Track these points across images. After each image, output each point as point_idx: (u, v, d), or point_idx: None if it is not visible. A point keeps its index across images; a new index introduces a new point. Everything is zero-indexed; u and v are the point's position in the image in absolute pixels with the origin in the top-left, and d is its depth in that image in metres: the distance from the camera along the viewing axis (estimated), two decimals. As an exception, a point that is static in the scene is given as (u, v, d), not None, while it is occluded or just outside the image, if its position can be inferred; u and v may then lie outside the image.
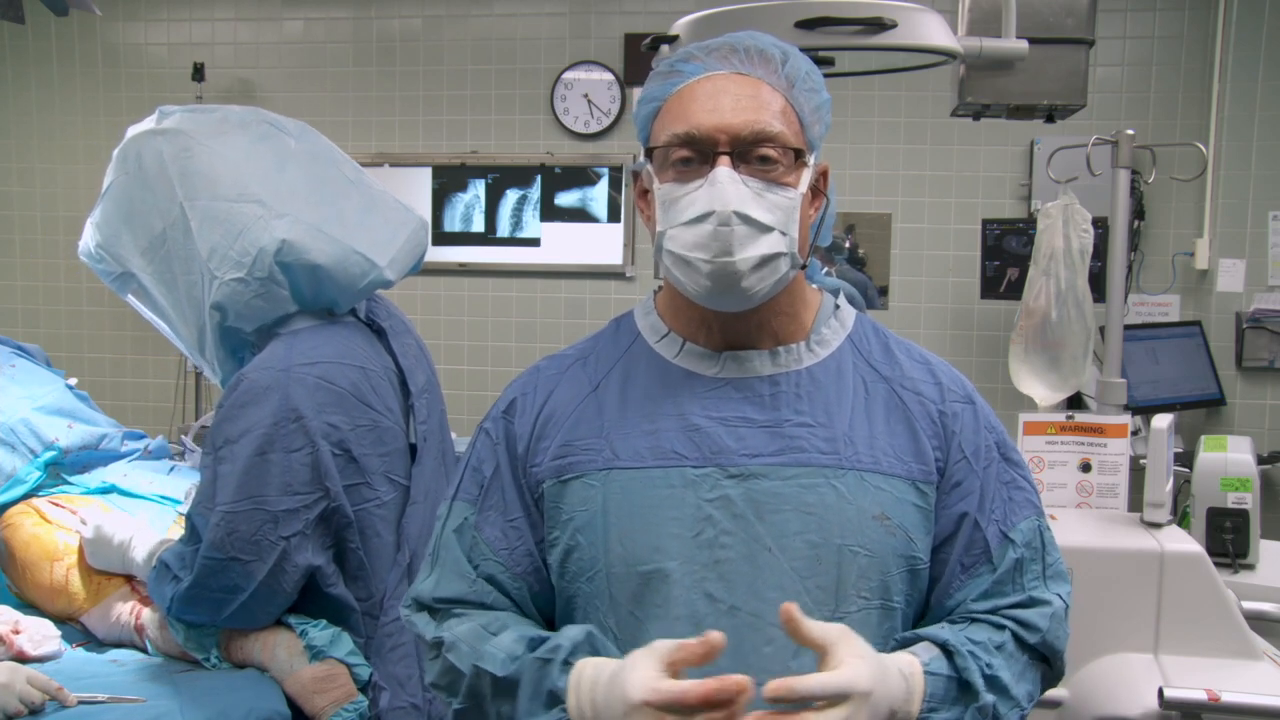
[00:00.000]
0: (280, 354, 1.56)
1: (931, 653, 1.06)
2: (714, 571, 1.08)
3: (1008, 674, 1.07)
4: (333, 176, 1.67)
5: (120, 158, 1.66)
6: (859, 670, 0.96)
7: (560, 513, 1.13)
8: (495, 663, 1.08)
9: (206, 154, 1.60)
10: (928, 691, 1.02)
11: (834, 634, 0.98)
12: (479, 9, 4.61)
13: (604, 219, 4.57)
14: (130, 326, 4.87)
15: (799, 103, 1.12)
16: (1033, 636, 1.10)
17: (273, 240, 1.55)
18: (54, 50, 4.81)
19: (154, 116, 1.67)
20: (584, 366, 1.20)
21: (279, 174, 1.61)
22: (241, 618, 1.55)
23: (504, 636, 1.10)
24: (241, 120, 1.66)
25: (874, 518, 1.08)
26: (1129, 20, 4.25)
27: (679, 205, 1.09)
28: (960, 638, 1.07)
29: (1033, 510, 1.16)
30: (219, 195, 1.58)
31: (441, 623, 1.15)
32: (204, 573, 1.51)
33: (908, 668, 1.03)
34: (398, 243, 1.68)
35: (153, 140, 1.63)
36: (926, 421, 1.14)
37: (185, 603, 1.54)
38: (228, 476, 1.50)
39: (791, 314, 1.16)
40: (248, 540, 1.49)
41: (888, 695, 0.98)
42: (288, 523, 1.50)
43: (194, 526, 1.55)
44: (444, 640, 1.13)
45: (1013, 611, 1.11)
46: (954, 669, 1.05)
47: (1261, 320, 4.02)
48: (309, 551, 1.52)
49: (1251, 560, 2.23)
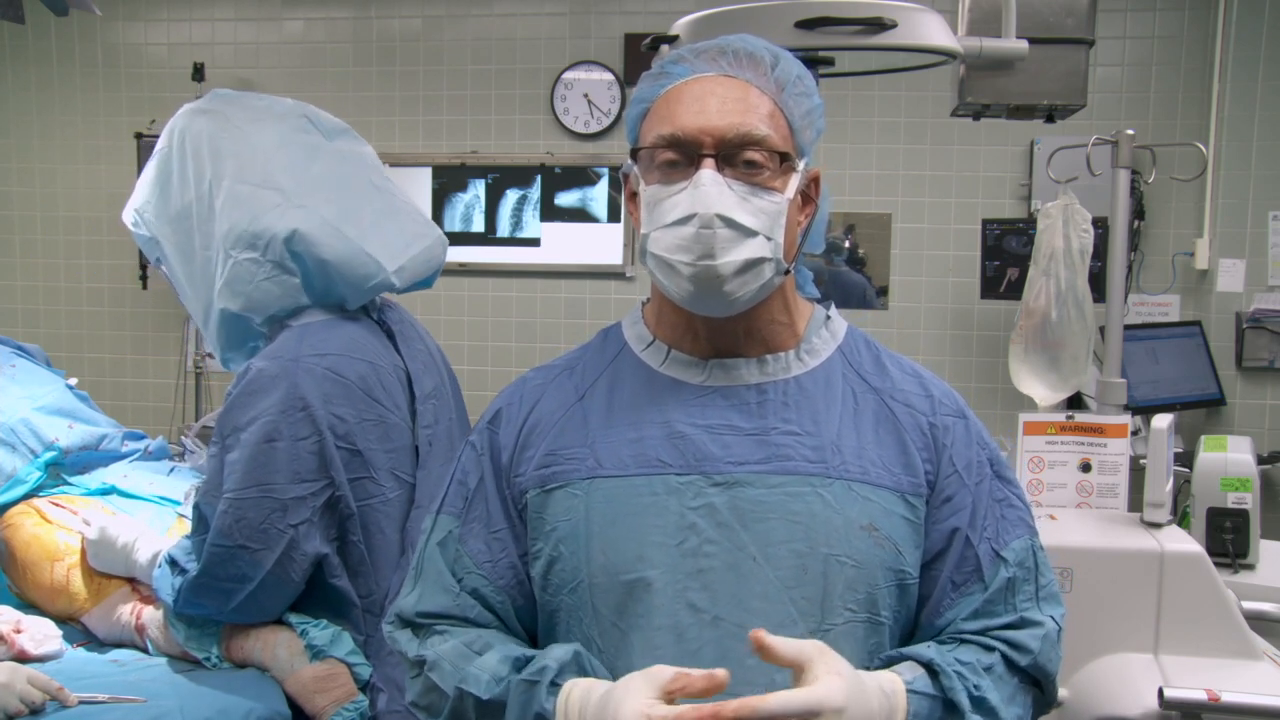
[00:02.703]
0: (290, 344, 1.58)
1: (916, 672, 1.04)
2: (697, 581, 1.05)
3: (996, 696, 1.05)
4: (358, 179, 1.71)
5: (168, 129, 1.72)
6: (832, 686, 0.93)
7: (543, 523, 1.11)
8: (479, 685, 1.05)
9: (241, 137, 1.65)
10: (911, 710, 1.00)
11: (809, 650, 0.95)
12: (479, 9, 4.61)
13: (604, 219, 4.57)
14: (130, 326, 4.87)
15: (788, 107, 1.10)
16: (1023, 658, 1.08)
17: (285, 227, 1.58)
18: (54, 50, 4.81)
19: (206, 97, 1.74)
20: (570, 376, 1.19)
21: (306, 167, 1.65)
22: (249, 609, 1.55)
23: (488, 656, 1.08)
24: (282, 112, 1.72)
25: (862, 528, 1.06)
26: (1129, 20, 4.24)
27: (662, 207, 1.07)
28: (947, 658, 1.05)
29: (1026, 530, 1.13)
30: (245, 178, 1.61)
31: (424, 640, 1.13)
32: (212, 561, 1.51)
33: (889, 685, 1.01)
34: (411, 252, 1.70)
35: (197, 117, 1.69)
36: (917, 434, 1.12)
37: (193, 592, 1.55)
38: (235, 464, 1.51)
39: (781, 321, 1.14)
40: (256, 528, 1.50)
41: (865, 713, 0.95)
42: (296, 510, 1.51)
43: (202, 515, 1.55)
44: (426, 659, 1.11)
45: (1003, 633, 1.09)
46: (939, 689, 1.02)
47: (1261, 320, 4.02)
48: (317, 540, 1.53)
49: (1251, 560, 2.23)
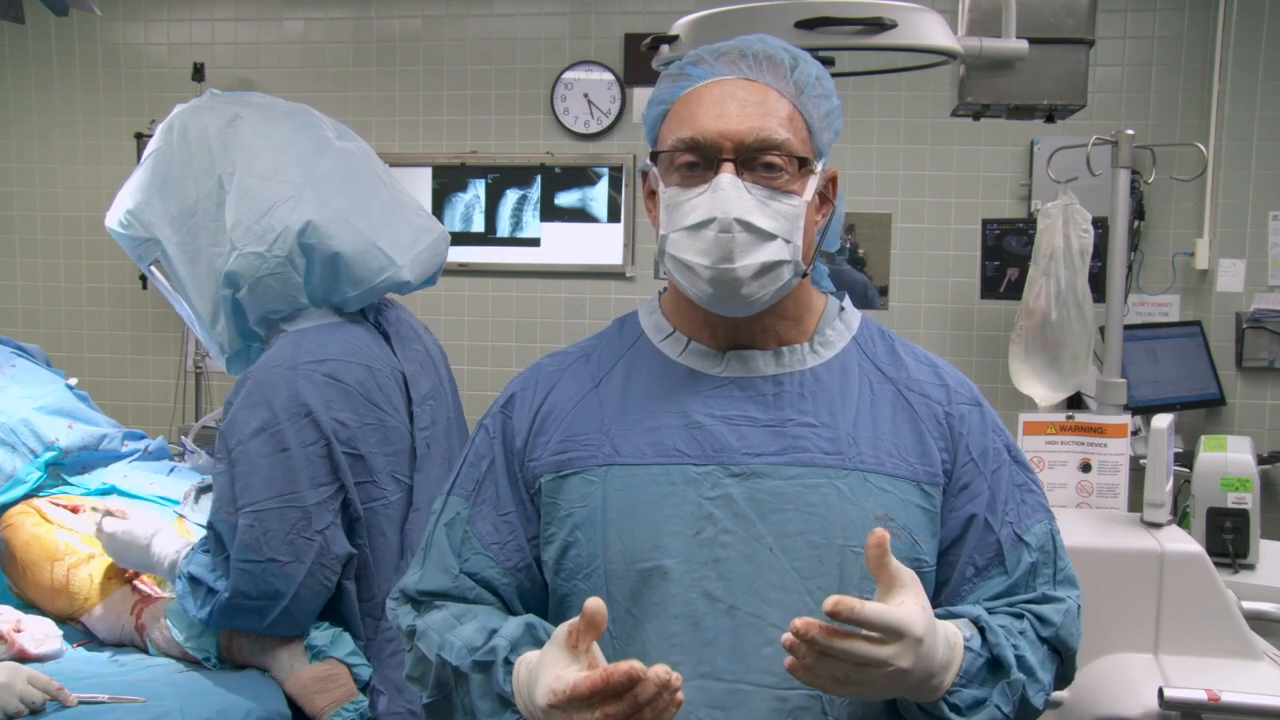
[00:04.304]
0: (288, 352, 1.57)
1: (971, 630, 1.05)
2: (714, 570, 1.07)
3: (1032, 657, 1.07)
4: (366, 173, 1.70)
5: (164, 129, 1.70)
6: (917, 616, 0.95)
7: (558, 509, 1.12)
8: (453, 651, 1.07)
9: (250, 131, 1.64)
10: (962, 666, 1.02)
11: (907, 577, 0.97)
12: (479, 9, 4.61)
13: (604, 219, 4.56)
14: (130, 326, 4.87)
15: (807, 109, 1.12)
16: (1047, 630, 1.10)
17: (299, 219, 1.57)
18: (54, 50, 4.80)
19: (205, 96, 1.73)
20: (586, 363, 1.20)
21: (315, 161, 1.64)
22: (285, 623, 1.53)
23: (468, 626, 1.09)
24: (288, 109, 1.72)
25: (877, 518, 1.08)
26: (1129, 20, 4.24)
27: (682, 210, 1.09)
28: (991, 620, 1.06)
29: (1045, 514, 1.16)
30: (254, 172, 1.60)
31: (422, 614, 1.15)
32: (241, 579, 1.48)
33: (954, 638, 1.02)
34: (419, 247, 1.70)
35: (199, 115, 1.67)
36: (933, 423, 1.13)
37: (226, 614, 1.52)
38: (249, 476, 1.50)
39: (794, 318, 1.16)
40: (283, 539, 1.48)
41: (932, 656, 0.97)
42: (320, 515, 1.50)
43: (218, 535, 1.52)
44: (416, 629, 1.13)
45: (1028, 605, 1.11)
46: (986, 647, 1.04)
47: (1261, 320, 4.02)
48: (343, 541, 1.53)
49: (1251, 560, 2.23)
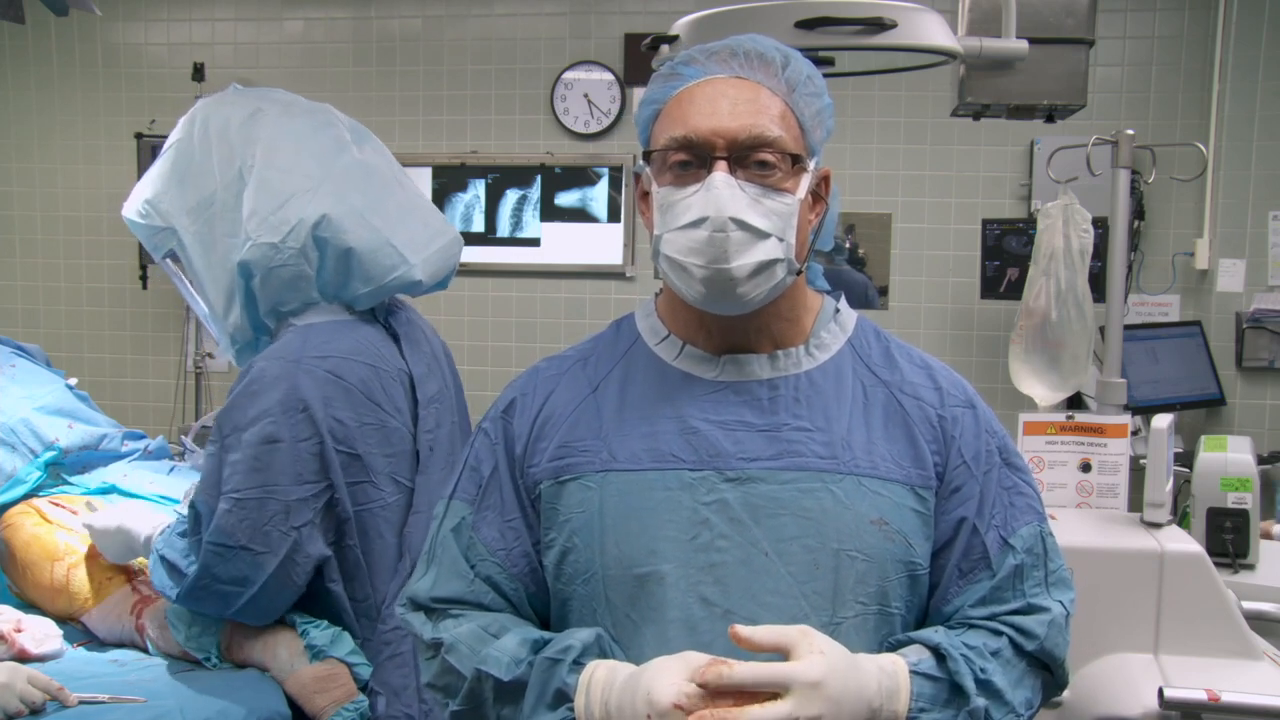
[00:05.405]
0: (294, 345, 1.58)
1: (921, 654, 1.05)
2: (710, 575, 1.07)
3: (1002, 679, 1.06)
4: (383, 172, 1.71)
5: (186, 121, 1.71)
6: (810, 663, 0.95)
7: (557, 514, 1.13)
8: (500, 666, 1.07)
9: (272, 125, 1.65)
10: (914, 691, 1.02)
11: (791, 634, 0.99)
12: (479, 9, 4.61)
13: (604, 219, 4.56)
14: (130, 326, 4.87)
15: (799, 107, 1.11)
16: (1030, 643, 1.09)
17: (315, 212, 1.58)
18: (54, 50, 4.80)
19: (228, 90, 1.75)
20: (584, 368, 1.20)
21: (335, 158, 1.66)
22: (251, 612, 1.55)
23: (506, 640, 1.09)
24: (309, 107, 1.74)
25: (872, 523, 1.07)
26: (1129, 20, 4.24)
27: (675, 209, 1.08)
28: (954, 641, 1.06)
29: (1035, 516, 1.15)
30: (274, 164, 1.62)
31: (438, 623, 1.15)
32: (211, 560, 1.50)
33: (890, 666, 1.02)
34: (433, 247, 1.71)
35: (221, 107, 1.69)
36: (926, 427, 1.13)
37: (191, 596, 1.54)
38: (237, 464, 1.51)
39: (790, 318, 1.16)
40: (259, 530, 1.49)
41: (858, 691, 0.97)
42: (299, 512, 1.50)
43: (198, 514, 1.54)
44: (443, 641, 1.12)
45: (1010, 618, 1.10)
46: (945, 671, 1.03)
47: (1261, 320, 4.02)
48: (319, 542, 1.53)
49: (1251, 560, 2.22)
